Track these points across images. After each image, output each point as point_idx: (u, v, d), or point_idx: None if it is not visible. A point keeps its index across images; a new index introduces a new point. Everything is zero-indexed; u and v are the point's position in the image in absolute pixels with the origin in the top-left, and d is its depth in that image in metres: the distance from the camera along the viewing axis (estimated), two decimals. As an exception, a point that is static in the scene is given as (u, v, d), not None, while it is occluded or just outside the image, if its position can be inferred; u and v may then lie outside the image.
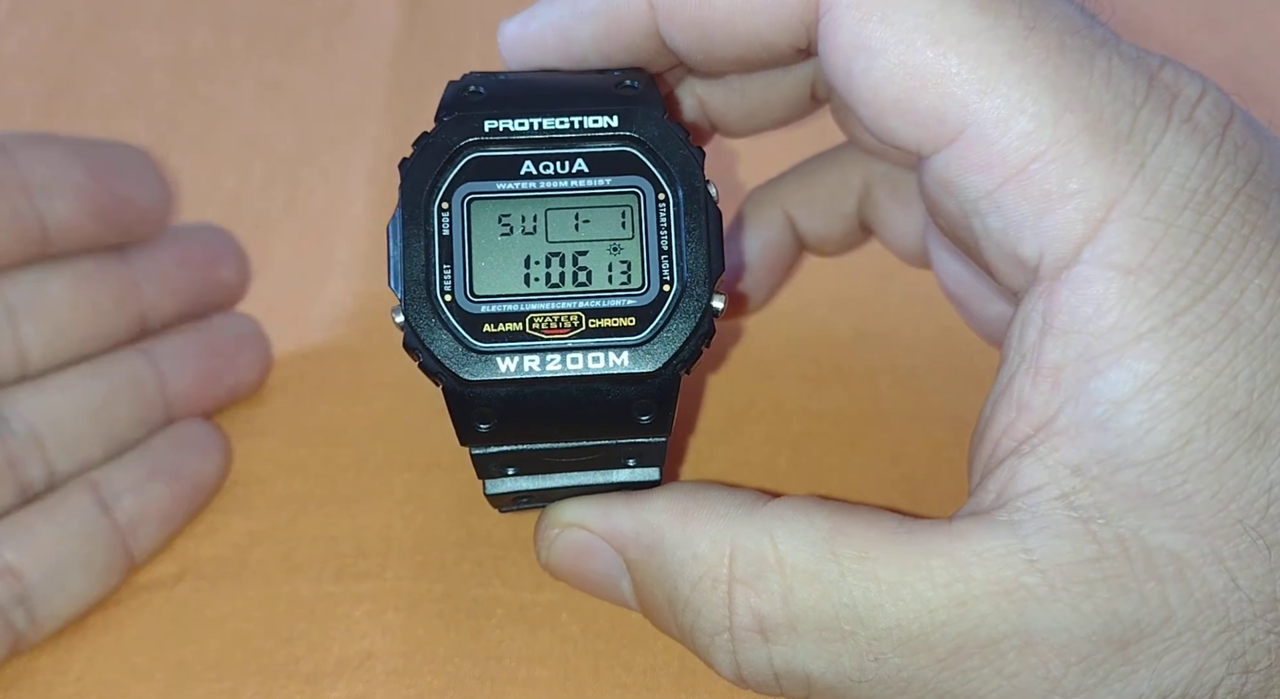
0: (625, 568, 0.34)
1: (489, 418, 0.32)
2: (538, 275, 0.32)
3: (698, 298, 0.32)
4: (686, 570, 0.32)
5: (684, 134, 0.33)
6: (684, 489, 0.34)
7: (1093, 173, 0.30)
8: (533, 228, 0.33)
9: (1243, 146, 0.30)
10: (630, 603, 0.35)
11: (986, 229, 0.31)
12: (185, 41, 0.58)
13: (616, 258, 0.33)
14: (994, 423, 0.32)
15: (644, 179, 0.33)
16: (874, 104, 0.31)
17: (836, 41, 0.31)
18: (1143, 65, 0.31)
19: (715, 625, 0.32)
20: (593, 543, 0.35)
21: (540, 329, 0.32)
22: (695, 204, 0.33)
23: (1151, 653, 0.29)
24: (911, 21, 0.30)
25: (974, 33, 0.30)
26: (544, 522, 0.36)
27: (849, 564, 0.31)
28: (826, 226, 0.45)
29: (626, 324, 0.32)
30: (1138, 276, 0.29)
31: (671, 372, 0.32)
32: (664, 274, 0.32)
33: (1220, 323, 0.29)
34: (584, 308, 0.32)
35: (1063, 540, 0.29)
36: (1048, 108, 0.30)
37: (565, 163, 0.33)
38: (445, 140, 0.33)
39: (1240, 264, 0.29)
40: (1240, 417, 0.29)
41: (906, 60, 0.30)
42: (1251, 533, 0.29)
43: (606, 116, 0.33)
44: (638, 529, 0.34)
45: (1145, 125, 0.30)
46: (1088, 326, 0.29)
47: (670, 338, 0.32)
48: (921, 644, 0.30)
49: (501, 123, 0.33)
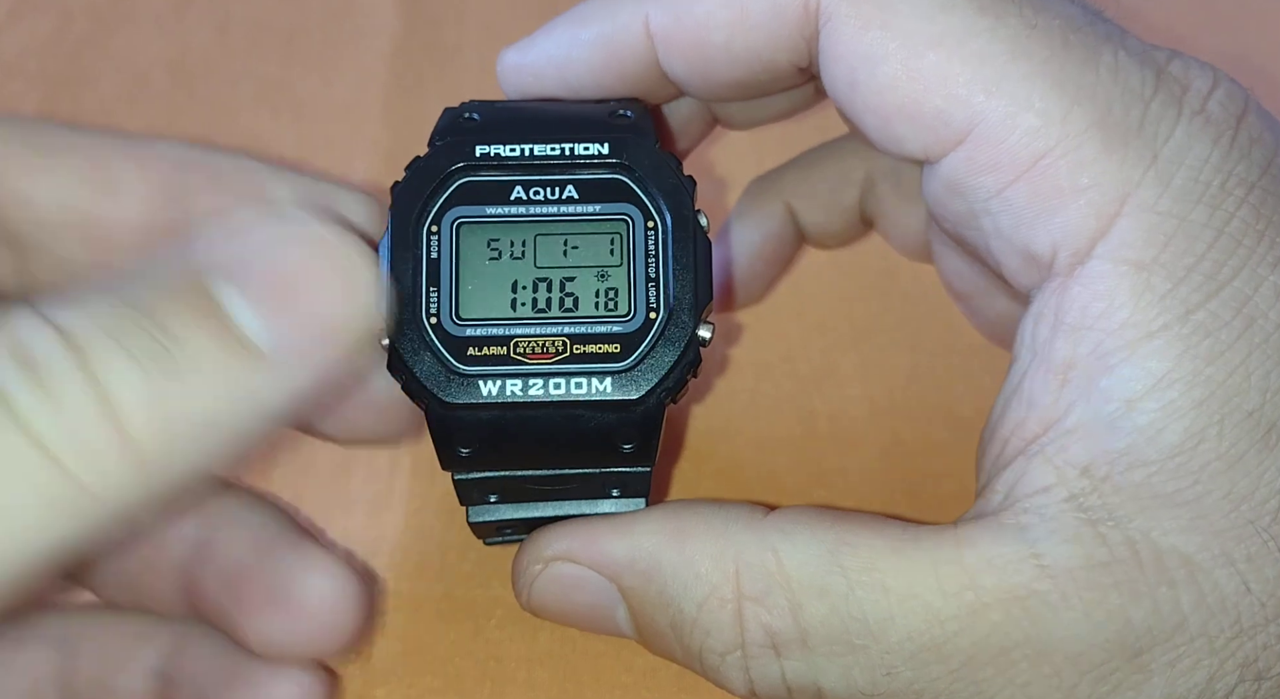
0: (618, 597, 0.33)
1: (471, 442, 0.32)
2: (524, 300, 0.32)
3: (683, 326, 0.32)
4: (690, 592, 0.32)
5: (675, 163, 0.33)
6: (673, 509, 0.33)
7: (1104, 167, 0.29)
8: (521, 253, 0.33)
9: (1257, 140, 0.30)
10: (625, 632, 0.34)
11: (998, 228, 0.31)
12: (185, 41, 0.58)
13: (604, 284, 0.32)
14: (1004, 422, 0.31)
15: (634, 207, 0.33)
16: (879, 111, 0.31)
17: (838, 52, 0.31)
18: (1150, 59, 0.31)
19: (727, 645, 0.31)
20: (580, 575, 0.33)
21: (525, 353, 0.32)
22: (684, 233, 0.33)
23: (1164, 660, 0.29)
24: (912, 27, 0.30)
25: (975, 34, 0.30)
26: (523, 558, 0.34)
27: (856, 576, 0.30)
28: (827, 219, 0.44)
29: (611, 350, 0.32)
30: (1150, 272, 0.29)
31: (655, 400, 0.32)
32: (650, 302, 0.32)
33: (1234, 320, 0.29)
34: (569, 333, 0.32)
35: (1072, 544, 0.29)
36: (1055, 104, 0.29)
37: (555, 189, 0.33)
38: (436, 165, 0.33)
39: (1255, 260, 0.29)
40: (1254, 416, 0.28)
41: (909, 65, 0.30)
42: (1263, 534, 0.28)
43: (597, 144, 0.33)
44: (632, 555, 0.32)
45: (1156, 118, 0.30)
46: (1099, 323, 0.29)
47: (654, 366, 0.32)
48: (934, 656, 0.29)
49: (493, 148, 0.33)
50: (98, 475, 0.24)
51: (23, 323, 0.25)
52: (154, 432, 0.25)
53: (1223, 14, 0.60)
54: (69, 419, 0.24)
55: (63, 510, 0.24)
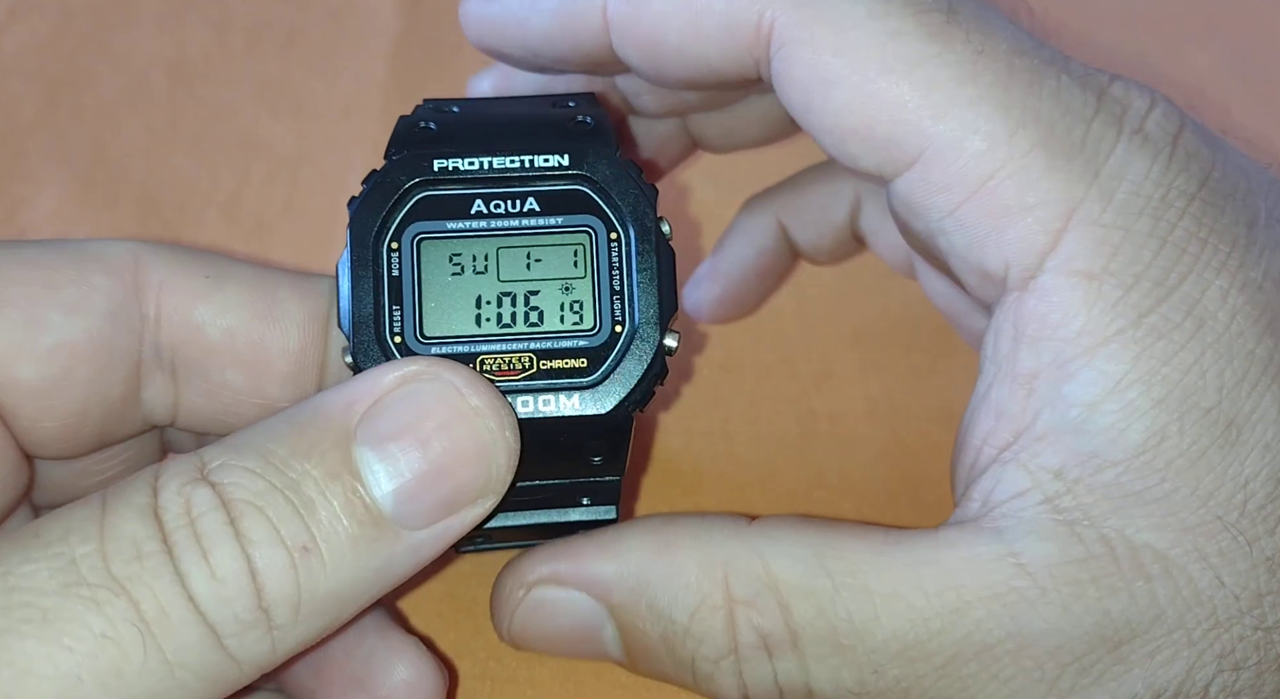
0: (605, 616, 0.33)
1: None
2: (489, 315, 0.32)
3: (649, 339, 0.32)
4: (681, 601, 0.32)
5: (636, 171, 0.33)
6: (656, 523, 0.33)
7: (1049, 185, 0.30)
8: (484, 267, 0.32)
9: (1194, 154, 0.31)
10: (611, 653, 0.34)
11: (952, 246, 0.32)
12: (185, 41, 0.58)
13: (568, 297, 0.32)
14: (974, 432, 0.32)
15: (596, 218, 0.33)
16: (834, 132, 0.32)
17: (792, 76, 0.32)
18: (1092, 81, 0.32)
19: (720, 650, 0.32)
20: (565, 597, 0.33)
21: (491, 370, 0.32)
22: (647, 243, 0.32)
23: (1144, 652, 0.29)
24: (864, 53, 0.31)
25: (924, 60, 0.31)
26: (505, 586, 0.34)
27: (841, 578, 0.31)
28: (819, 236, 0.45)
29: (578, 365, 0.32)
30: (1101, 281, 0.30)
31: (624, 413, 0.32)
32: (616, 314, 0.32)
33: (1185, 322, 0.29)
34: (535, 349, 0.32)
35: (1049, 543, 0.30)
36: (1000, 126, 0.30)
37: (516, 202, 0.33)
38: (394, 180, 0.33)
39: (1200, 266, 0.30)
40: (1211, 413, 0.29)
41: (861, 90, 0.31)
42: (1231, 530, 0.29)
43: (557, 155, 0.33)
44: (619, 571, 0.32)
45: (1097, 137, 0.31)
46: (1057, 333, 0.30)
47: (622, 379, 0.32)
48: (918, 654, 0.30)
49: (451, 162, 0.33)
50: (238, 643, 0.26)
51: (188, 476, 0.27)
52: (290, 608, 0.27)
53: (1222, 14, 0.60)
54: (221, 587, 0.26)
55: (204, 673, 0.26)
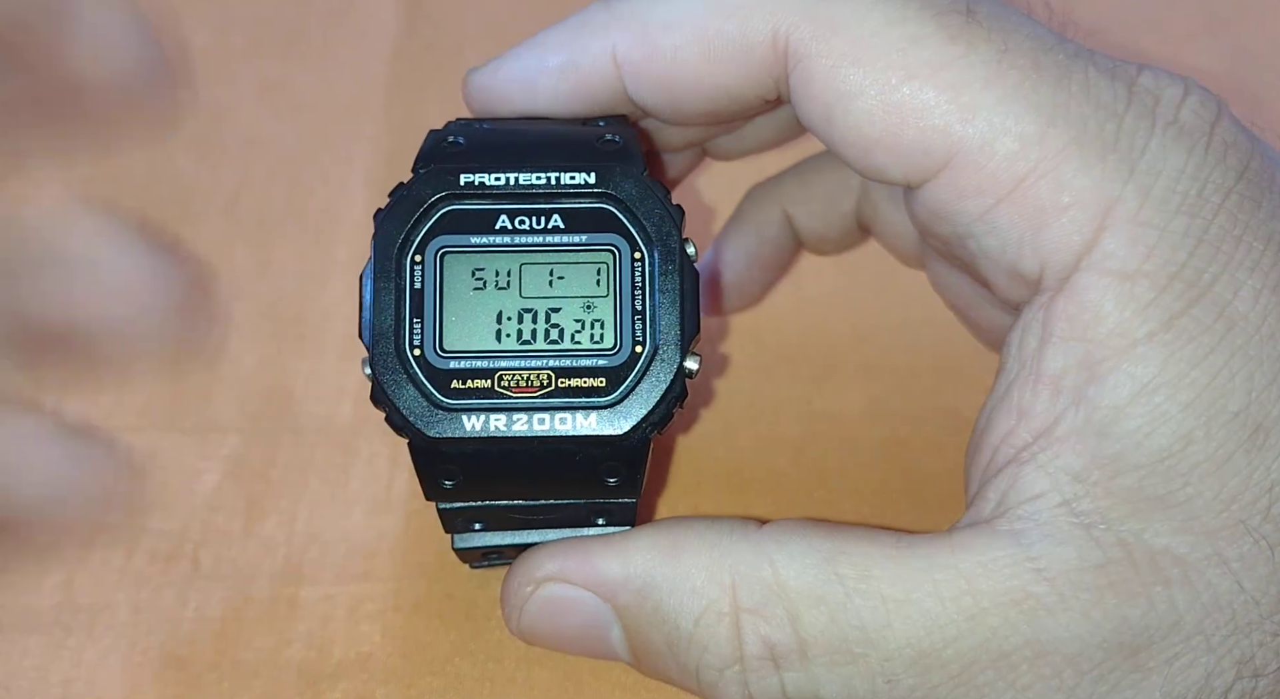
0: (613, 617, 0.33)
1: (454, 475, 0.32)
2: (509, 331, 0.32)
3: (669, 360, 0.32)
4: (686, 607, 0.31)
5: (663, 192, 0.33)
6: (666, 526, 0.33)
7: (1084, 184, 0.30)
8: (506, 282, 0.32)
9: (1232, 145, 0.30)
10: (618, 653, 0.34)
11: (983, 249, 0.31)
12: (185, 41, 0.58)
13: (589, 316, 0.32)
14: (992, 431, 0.31)
15: (620, 237, 0.33)
16: (858, 145, 0.31)
17: (812, 91, 0.31)
18: (1120, 73, 0.31)
19: (724, 659, 0.31)
20: (573, 595, 0.33)
21: (509, 387, 0.31)
22: (671, 264, 0.32)
23: (1162, 658, 0.29)
24: (884, 61, 0.30)
25: (948, 63, 0.30)
26: (513, 582, 0.34)
27: (853, 584, 0.30)
28: (825, 225, 0.44)
29: (596, 385, 0.32)
30: (1134, 282, 0.29)
31: (641, 435, 0.32)
32: (636, 335, 0.32)
33: (1216, 324, 0.29)
34: (554, 367, 0.32)
35: (1067, 547, 0.29)
36: (1031, 126, 0.30)
37: (541, 218, 0.33)
38: (420, 193, 0.33)
39: (1234, 266, 0.29)
40: (1239, 417, 0.29)
41: (884, 99, 0.31)
42: (1254, 534, 0.29)
43: (584, 173, 0.33)
44: (626, 572, 0.32)
45: (1131, 131, 0.30)
46: (1087, 333, 0.30)
47: (640, 400, 0.32)
48: (934, 662, 0.29)
49: (478, 177, 0.33)
50: None
51: None
52: None
53: (1222, 14, 0.60)
54: None
55: None
